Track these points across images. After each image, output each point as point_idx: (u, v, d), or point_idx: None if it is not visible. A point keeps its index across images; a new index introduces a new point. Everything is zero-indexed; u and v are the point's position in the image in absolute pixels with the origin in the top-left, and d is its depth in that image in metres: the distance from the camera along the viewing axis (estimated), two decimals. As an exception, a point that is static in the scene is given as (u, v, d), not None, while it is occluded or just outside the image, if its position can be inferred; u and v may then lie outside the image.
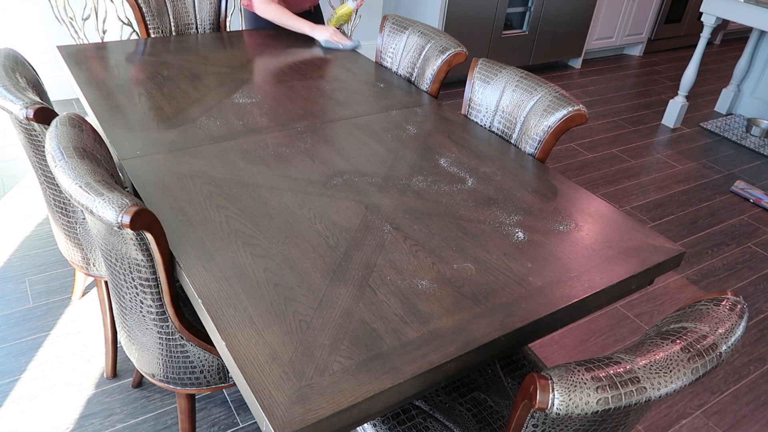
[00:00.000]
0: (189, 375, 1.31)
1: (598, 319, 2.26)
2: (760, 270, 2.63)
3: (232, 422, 1.73)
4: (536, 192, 1.48)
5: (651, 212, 3.00)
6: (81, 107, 3.49)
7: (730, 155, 3.72)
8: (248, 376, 0.92)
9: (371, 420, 1.04)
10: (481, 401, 1.27)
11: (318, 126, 1.72)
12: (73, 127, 1.20)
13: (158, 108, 1.73)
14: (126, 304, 1.26)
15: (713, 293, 0.95)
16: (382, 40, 2.28)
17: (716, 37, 6.16)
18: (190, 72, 2.00)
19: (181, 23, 2.49)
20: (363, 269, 1.16)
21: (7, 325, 1.97)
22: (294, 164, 1.51)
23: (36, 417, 1.69)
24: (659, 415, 1.89)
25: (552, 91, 1.70)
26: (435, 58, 2.05)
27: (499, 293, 1.13)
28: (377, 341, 1.00)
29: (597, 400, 0.75)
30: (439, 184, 1.48)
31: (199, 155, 1.51)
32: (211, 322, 1.01)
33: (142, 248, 1.10)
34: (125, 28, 3.53)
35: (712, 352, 0.83)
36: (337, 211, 1.33)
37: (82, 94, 1.78)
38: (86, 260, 1.63)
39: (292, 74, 2.07)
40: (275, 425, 0.85)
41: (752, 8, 3.37)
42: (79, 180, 1.03)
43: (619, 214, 1.42)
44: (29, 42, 3.35)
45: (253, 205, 1.33)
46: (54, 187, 1.50)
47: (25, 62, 1.56)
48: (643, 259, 1.27)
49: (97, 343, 1.95)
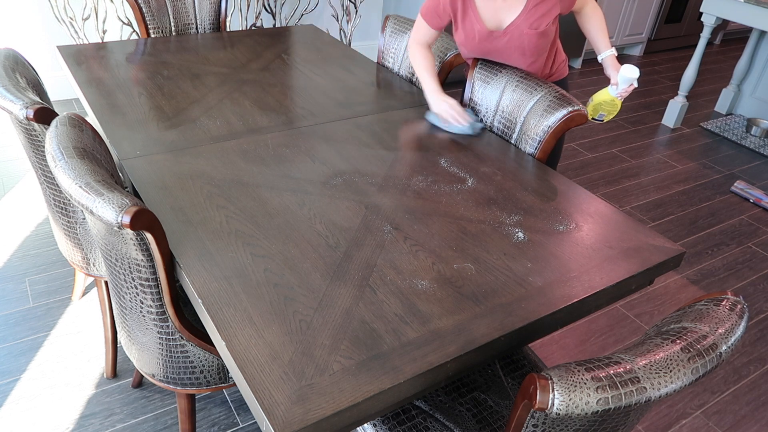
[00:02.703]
0: (189, 375, 1.31)
1: (598, 319, 2.26)
2: (760, 270, 2.63)
3: (232, 422, 1.73)
4: (536, 192, 1.48)
5: (651, 212, 3.00)
6: (81, 107, 3.49)
7: (730, 155, 3.72)
8: (248, 376, 0.92)
9: (371, 420, 1.04)
10: (481, 401, 1.27)
11: (318, 126, 1.72)
12: (73, 127, 1.20)
13: (158, 108, 1.73)
14: (126, 304, 1.26)
15: (713, 293, 0.95)
16: (384, 40, 2.28)
17: (716, 37, 6.15)
18: (190, 72, 2.00)
19: (181, 23, 2.49)
20: (363, 269, 1.16)
21: (7, 325, 1.97)
22: (294, 164, 1.51)
23: (36, 417, 1.69)
24: (659, 415, 1.89)
25: (552, 91, 1.70)
26: (436, 58, 2.05)
27: (499, 293, 1.13)
28: (377, 341, 1.00)
29: (597, 400, 0.75)
30: (439, 184, 1.48)
31: (199, 155, 1.51)
32: (211, 322, 1.01)
33: (142, 248, 1.10)
34: (125, 28, 3.53)
35: (712, 352, 0.83)
36: (337, 211, 1.33)
37: (82, 94, 1.78)
38: (86, 260, 1.63)
39: (293, 74, 2.07)
40: (275, 425, 0.85)
41: (752, 8, 3.37)
42: (79, 180, 1.03)
43: (619, 214, 1.42)
44: (29, 42, 3.35)
45: (253, 205, 1.33)
46: (54, 187, 1.50)
47: (25, 62, 1.56)
48: (643, 259, 1.27)
49: (97, 343, 1.95)
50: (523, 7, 1.74)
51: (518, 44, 1.79)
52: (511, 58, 1.84)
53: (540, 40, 1.78)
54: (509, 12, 1.76)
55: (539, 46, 1.80)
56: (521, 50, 1.80)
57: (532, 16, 1.74)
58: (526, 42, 1.78)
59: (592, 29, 1.88)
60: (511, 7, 1.75)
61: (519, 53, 1.81)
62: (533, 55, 1.82)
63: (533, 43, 1.78)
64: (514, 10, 1.75)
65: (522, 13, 1.75)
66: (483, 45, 1.83)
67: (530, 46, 1.79)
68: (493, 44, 1.82)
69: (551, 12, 1.74)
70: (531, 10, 1.74)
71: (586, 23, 1.88)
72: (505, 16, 1.77)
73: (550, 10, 1.74)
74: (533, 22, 1.75)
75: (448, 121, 1.76)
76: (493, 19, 1.78)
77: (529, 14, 1.74)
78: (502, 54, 1.84)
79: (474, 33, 1.81)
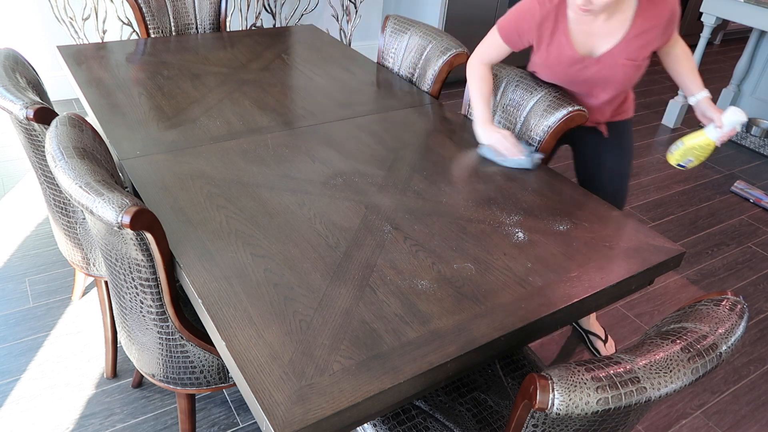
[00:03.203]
0: (189, 375, 1.31)
1: (598, 319, 2.26)
2: (760, 270, 2.63)
3: (232, 422, 1.73)
4: (536, 192, 1.48)
5: (651, 212, 3.00)
6: (81, 107, 3.49)
7: (730, 155, 3.72)
8: (248, 376, 0.92)
9: (371, 420, 1.04)
10: (481, 401, 1.27)
11: (318, 126, 1.72)
12: (73, 127, 1.20)
13: (158, 108, 1.73)
14: (126, 304, 1.26)
15: (713, 293, 0.95)
16: (384, 40, 2.28)
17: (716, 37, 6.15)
18: (190, 72, 2.00)
19: (181, 23, 2.49)
20: (363, 269, 1.16)
21: (7, 325, 1.97)
22: (294, 164, 1.51)
23: (36, 417, 1.69)
24: (659, 415, 1.89)
25: (552, 90, 1.70)
26: (436, 58, 2.05)
27: (499, 293, 1.13)
28: (377, 341, 1.00)
29: (597, 400, 0.75)
30: (439, 184, 1.48)
31: (199, 155, 1.51)
32: (211, 322, 1.01)
33: (142, 248, 1.10)
34: (125, 28, 3.53)
35: (712, 352, 0.83)
36: (337, 211, 1.33)
37: (82, 94, 1.78)
38: (86, 260, 1.63)
39: (293, 74, 2.07)
40: (275, 425, 0.85)
41: (752, 8, 3.37)
42: (79, 180, 1.03)
43: (619, 214, 1.42)
44: (29, 42, 3.35)
45: (253, 205, 1.33)
46: (54, 187, 1.50)
47: (25, 62, 1.56)
48: (643, 259, 1.27)
49: (97, 343, 1.95)
50: (623, 36, 1.56)
51: (610, 74, 1.62)
52: (596, 88, 1.68)
53: (635, 73, 1.62)
54: (606, 39, 1.58)
55: (632, 79, 1.64)
56: (611, 82, 1.64)
57: (631, 45, 1.57)
58: (620, 73, 1.61)
59: (684, 70, 1.70)
60: (610, 34, 1.57)
61: (607, 84, 1.65)
62: (620, 88, 1.67)
63: (628, 75, 1.62)
64: (612, 37, 1.57)
65: (621, 42, 1.57)
66: (569, 71, 1.65)
67: (623, 79, 1.63)
68: (582, 72, 1.63)
69: (651, 44, 1.57)
70: (631, 39, 1.56)
71: (676, 63, 1.71)
72: (600, 42, 1.59)
73: (651, 42, 1.57)
74: (632, 52, 1.57)
75: (503, 154, 1.59)
76: (584, 45, 1.60)
77: (629, 44, 1.57)
78: (587, 83, 1.67)
79: (562, 57, 1.62)
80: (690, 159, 1.70)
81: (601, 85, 1.66)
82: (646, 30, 1.55)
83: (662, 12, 1.55)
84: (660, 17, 1.55)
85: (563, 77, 1.69)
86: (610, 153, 1.84)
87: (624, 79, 1.63)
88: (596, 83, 1.66)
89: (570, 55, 1.61)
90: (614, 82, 1.64)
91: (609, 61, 1.60)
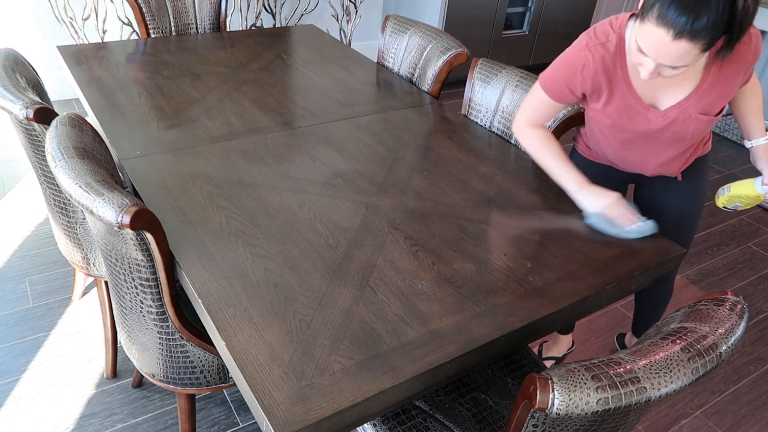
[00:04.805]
0: (189, 375, 1.31)
1: (598, 319, 2.26)
2: (760, 270, 2.63)
3: (232, 422, 1.73)
4: (536, 192, 1.48)
5: (651, 212, 3.00)
6: (81, 107, 3.49)
7: (730, 155, 3.72)
8: (248, 376, 0.92)
9: (371, 420, 1.04)
10: (481, 401, 1.27)
11: (318, 126, 1.72)
12: (73, 127, 1.20)
13: (158, 108, 1.73)
14: (126, 304, 1.26)
15: (713, 293, 0.95)
16: (384, 40, 2.28)
17: (716, 37, 6.14)
18: (190, 72, 2.00)
19: (181, 23, 2.49)
20: (363, 269, 1.16)
21: (7, 325, 1.97)
22: (294, 164, 1.51)
23: (36, 417, 1.69)
24: (659, 415, 1.89)
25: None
26: (436, 58, 2.05)
27: (499, 293, 1.13)
28: (377, 341, 1.00)
29: (597, 400, 0.75)
30: (439, 184, 1.48)
31: (199, 155, 1.51)
32: (211, 322, 1.01)
33: (142, 248, 1.10)
34: (125, 28, 3.53)
35: (712, 352, 0.83)
36: (337, 211, 1.33)
37: (82, 94, 1.78)
38: (86, 260, 1.63)
39: (293, 74, 2.07)
40: (275, 425, 0.85)
41: (752, 8, 3.36)
42: (79, 180, 1.03)
43: (619, 214, 1.42)
44: (29, 42, 3.35)
45: (253, 205, 1.33)
46: (54, 187, 1.50)
47: (25, 62, 1.56)
48: (643, 259, 1.27)
49: (97, 343, 1.95)
50: (695, 87, 1.32)
51: (680, 129, 1.37)
52: (663, 143, 1.43)
53: (708, 126, 1.37)
54: (674, 90, 1.33)
55: (704, 132, 1.39)
56: (681, 136, 1.39)
57: (705, 97, 1.32)
58: (691, 128, 1.36)
59: (748, 109, 1.48)
60: (679, 85, 1.32)
61: (676, 139, 1.40)
62: (691, 141, 1.42)
63: (700, 129, 1.37)
64: (682, 88, 1.32)
65: (693, 94, 1.32)
66: (632, 124, 1.39)
67: (695, 133, 1.38)
68: (647, 125, 1.38)
69: (730, 93, 1.33)
70: (705, 90, 1.31)
71: (741, 100, 1.48)
72: (666, 94, 1.34)
73: (729, 93, 1.33)
74: (706, 104, 1.33)
75: (616, 227, 1.34)
76: (647, 96, 1.35)
77: (702, 95, 1.32)
78: (652, 137, 1.42)
79: (624, 108, 1.37)
80: (738, 205, 1.58)
81: (666, 141, 1.42)
82: (724, 79, 1.31)
83: (744, 56, 1.29)
84: (741, 62, 1.30)
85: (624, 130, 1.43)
86: (681, 191, 1.60)
87: (696, 133, 1.38)
88: (662, 137, 1.41)
89: (633, 106, 1.36)
90: (684, 138, 1.40)
91: (679, 116, 1.35)
